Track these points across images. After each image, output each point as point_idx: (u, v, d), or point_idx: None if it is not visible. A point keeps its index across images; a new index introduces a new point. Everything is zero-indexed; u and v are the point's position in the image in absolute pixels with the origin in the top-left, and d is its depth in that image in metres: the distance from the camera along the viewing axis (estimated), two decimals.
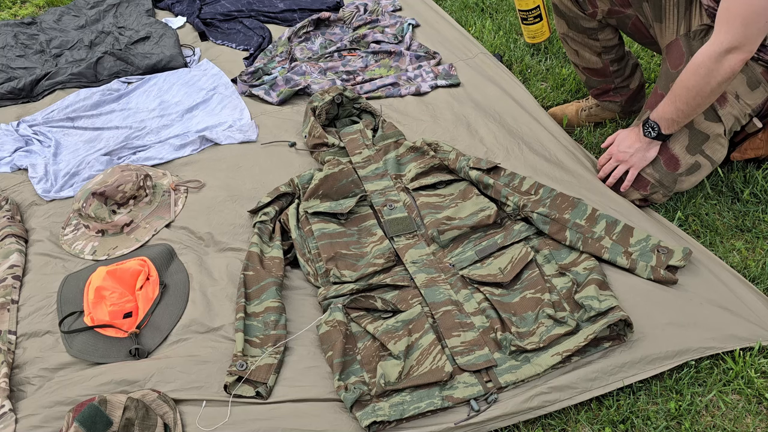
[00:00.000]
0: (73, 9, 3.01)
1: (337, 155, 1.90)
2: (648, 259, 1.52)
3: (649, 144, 1.68)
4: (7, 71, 2.57)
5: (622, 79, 2.03)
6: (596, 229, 1.60)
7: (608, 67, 1.99)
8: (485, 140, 1.98)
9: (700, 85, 1.53)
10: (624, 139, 1.74)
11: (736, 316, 1.43)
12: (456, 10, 2.90)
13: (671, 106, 1.60)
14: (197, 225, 1.79)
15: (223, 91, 2.35)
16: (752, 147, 1.80)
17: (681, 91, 1.57)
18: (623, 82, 2.04)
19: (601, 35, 1.91)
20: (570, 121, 2.14)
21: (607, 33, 1.92)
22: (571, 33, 1.95)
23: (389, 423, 1.27)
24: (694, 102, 1.57)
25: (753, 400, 1.34)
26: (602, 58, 1.97)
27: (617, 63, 1.99)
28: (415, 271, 1.57)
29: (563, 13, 1.92)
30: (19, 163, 2.11)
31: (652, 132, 1.66)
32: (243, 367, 1.37)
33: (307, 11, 2.82)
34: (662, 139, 1.67)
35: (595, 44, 1.93)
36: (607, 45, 1.94)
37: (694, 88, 1.54)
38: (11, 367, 1.49)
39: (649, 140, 1.68)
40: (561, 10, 1.92)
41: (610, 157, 1.77)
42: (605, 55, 1.96)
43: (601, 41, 1.92)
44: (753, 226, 1.72)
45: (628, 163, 1.72)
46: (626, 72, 2.02)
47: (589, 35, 1.92)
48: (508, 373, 1.34)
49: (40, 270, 1.73)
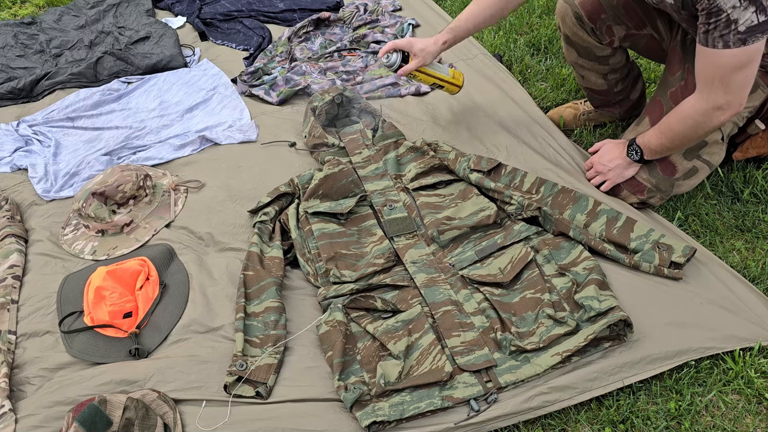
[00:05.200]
0: (73, 9, 3.01)
1: (337, 155, 1.90)
2: (651, 258, 1.52)
3: (630, 163, 1.71)
4: (7, 71, 2.57)
5: (624, 96, 2.03)
6: (596, 225, 1.60)
7: (612, 89, 1.98)
8: (485, 140, 1.98)
9: (686, 132, 1.55)
10: (608, 152, 1.75)
11: (736, 316, 1.43)
12: (456, 10, 2.90)
13: (656, 140, 1.62)
14: (197, 225, 1.79)
15: (223, 91, 2.35)
16: (754, 146, 1.80)
17: (667, 132, 1.59)
18: (625, 97, 2.03)
19: (612, 60, 1.89)
20: (568, 124, 2.13)
21: (618, 56, 1.90)
22: (580, 60, 1.92)
23: (389, 423, 1.27)
24: (680, 144, 1.61)
25: (753, 400, 1.34)
26: (607, 79, 1.95)
27: (621, 83, 1.98)
28: (415, 271, 1.56)
29: (574, 43, 1.88)
30: (19, 163, 2.11)
31: (634, 155, 1.68)
32: (243, 367, 1.37)
33: (307, 11, 2.82)
34: (643, 163, 1.69)
35: (604, 68, 1.92)
36: (615, 67, 1.92)
37: (681, 134, 1.56)
38: (11, 367, 1.49)
39: (630, 160, 1.70)
40: (573, 41, 1.88)
41: (591, 164, 1.80)
42: (611, 75, 1.94)
43: (611, 65, 1.91)
44: (753, 226, 1.72)
45: (605, 176, 1.75)
46: (628, 87, 2.01)
47: (600, 62, 1.90)
48: (508, 373, 1.34)
49: (40, 270, 1.73)
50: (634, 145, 1.68)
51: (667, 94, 1.68)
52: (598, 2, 1.75)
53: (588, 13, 1.78)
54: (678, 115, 1.55)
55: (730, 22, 1.33)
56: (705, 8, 1.35)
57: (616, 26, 1.77)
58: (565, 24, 1.86)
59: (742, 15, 1.32)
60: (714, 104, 1.46)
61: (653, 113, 1.72)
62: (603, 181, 1.76)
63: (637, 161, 1.69)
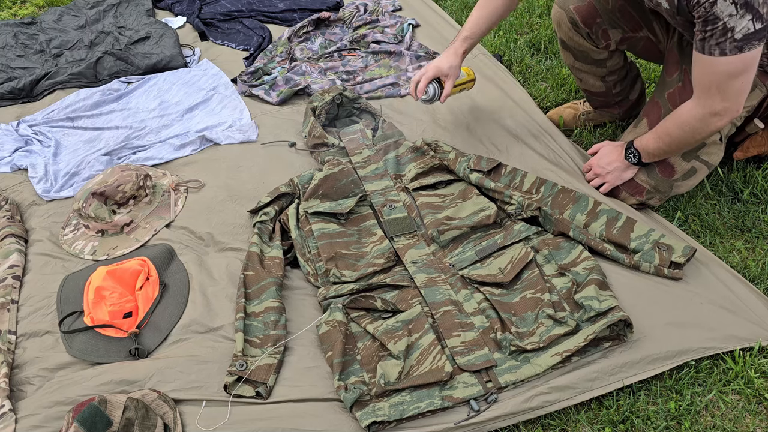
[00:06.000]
0: (73, 9, 3.01)
1: (337, 155, 1.90)
2: (651, 258, 1.52)
3: (628, 166, 1.71)
4: (7, 71, 2.57)
5: (623, 97, 2.03)
6: (597, 225, 1.60)
7: (610, 90, 1.98)
8: (485, 140, 1.98)
9: (683, 137, 1.56)
10: (606, 155, 1.75)
11: (736, 316, 1.43)
12: (456, 10, 2.90)
13: (654, 143, 1.62)
14: (197, 225, 1.79)
15: (223, 91, 2.35)
16: (755, 145, 1.80)
17: (664, 137, 1.59)
18: (624, 97, 2.03)
19: (609, 62, 1.89)
20: (568, 124, 2.13)
21: (615, 58, 1.90)
22: (578, 64, 1.93)
23: (389, 423, 1.27)
24: (677, 148, 1.61)
25: (753, 400, 1.34)
26: (606, 81, 1.95)
27: (620, 84, 1.98)
28: (414, 271, 1.56)
29: (571, 48, 1.89)
30: (19, 163, 2.11)
31: (632, 158, 1.69)
32: (243, 367, 1.37)
33: (307, 11, 2.82)
34: (642, 166, 1.70)
35: (601, 70, 1.92)
36: (613, 69, 1.92)
37: (678, 138, 1.57)
38: (11, 367, 1.49)
39: (628, 163, 1.70)
40: (569, 45, 1.88)
41: (590, 167, 1.80)
42: (609, 77, 1.94)
43: (609, 67, 1.91)
44: (753, 226, 1.72)
45: (604, 179, 1.75)
46: (627, 87, 2.02)
47: (597, 65, 1.90)
48: (508, 373, 1.34)
49: (40, 270, 1.73)
50: (632, 148, 1.68)
51: (665, 96, 1.68)
52: (593, 7, 1.75)
53: (583, 18, 1.78)
54: (675, 120, 1.55)
55: (727, 30, 1.33)
56: (701, 16, 1.34)
57: (612, 30, 1.76)
58: (560, 29, 1.86)
59: (738, 23, 1.31)
60: (711, 110, 1.46)
61: (651, 115, 1.72)
62: (602, 183, 1.76)
63: (635, 164, 1.69)
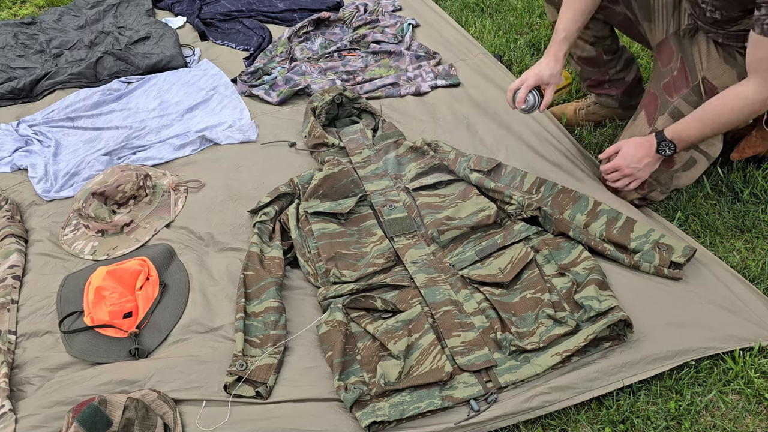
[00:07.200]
0: (73, 9, 3.01)
1: (337, 155, 1.90)
2: (651, 258, 1.52)
3: (659, 159, 1.66)
4: (7, 71, 2.57)
5: (616, 71, 2.02)
6: (597, 225, 1.60)
7: (602, 56, 1.98)
8: (485, 140, 1.98)
9: (736, 120, 1.54)
10: (633, 153, 1.66)
11: (736, 316, 1.43)
12: (456, 10, 2.90)
13: (697, 131, 1.58)
14: (197, 225, 1.79)
15: (223, 91, 2.35)
16: (750, 145, 1.81)
17: (711, 123, 1.56)
18: (618, 74, 2.03)
19: (591, 25, 1.87)
20: (569, 121, 2.14)
21: (597, 24, 1.90)
22: None
23: (389, 423, 1.27)
24: (723, 129, 1.58)
25: (753, 400, 1.34)
26: (596, 47, 1.96)
27: (611, 54, 1.99)
28: (415, 271, 1.56)
29: (554, 2, 1.91)
30: (19, 163, 2.11)
31: (668, 150, 1.63)
32: (243, 367, 1.37)
33: (307, 11, 2.82)
34: None
35: (587, 33, 1.92)
36: (598, 35, 1.93)
37: (728, 123, 1.55)
38: (11, 367, 1.49)
39: (660, 156, 1.65)
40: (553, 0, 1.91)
41: (616, 169, 1.71)
42: (598, 45, 1.95)
43: (592, 30, 1.91)
44: (753, 226, 1.72)
45: (636, 177, 1.68)
46: (620, 64, 2.02)
47: None
48: (508, 373, 1.34)
49: (40, 270, 1.73)
50: (666, 140, 1.62)
51: (661, 86, 1.69)
52: None
53: None
54: (730, 106, 1.51)
55: None
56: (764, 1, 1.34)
57: None
58: None
59: None
60: None
61: (649, 106, 1.71)
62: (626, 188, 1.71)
63: (669, 156, 1.65)
